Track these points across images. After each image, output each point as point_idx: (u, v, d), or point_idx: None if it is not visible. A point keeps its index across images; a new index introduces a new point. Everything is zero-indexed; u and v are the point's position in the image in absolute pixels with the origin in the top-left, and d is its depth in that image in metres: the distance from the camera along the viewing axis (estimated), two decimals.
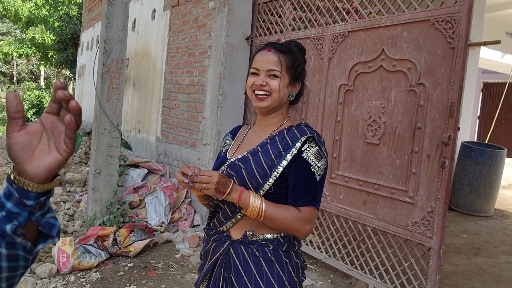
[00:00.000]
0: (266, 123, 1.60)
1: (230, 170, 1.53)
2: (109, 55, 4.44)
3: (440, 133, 2.95)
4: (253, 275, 1.46)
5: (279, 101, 1.54)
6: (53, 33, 15.83)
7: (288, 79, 1.54)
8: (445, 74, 2.95)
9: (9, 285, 0.80)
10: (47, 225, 0.81)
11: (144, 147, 6.74)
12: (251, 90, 1.55)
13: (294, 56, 1.56)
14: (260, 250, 1.48)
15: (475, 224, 6.05)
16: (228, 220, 1.54)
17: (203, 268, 1.61)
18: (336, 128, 3.74)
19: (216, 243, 1.56)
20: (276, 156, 1.48)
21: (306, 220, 1.45)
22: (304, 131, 1.50)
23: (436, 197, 2.94)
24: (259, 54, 1.56)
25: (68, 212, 4.48)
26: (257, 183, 1.47)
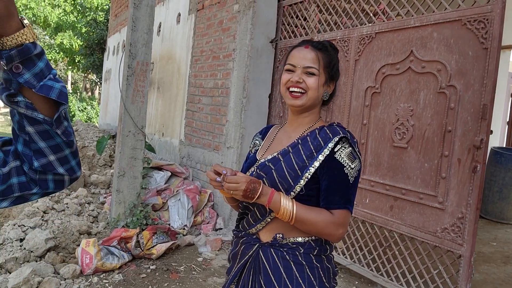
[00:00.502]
0: (298, 122, 1.55)
1: (260, 171, 1.49)
2: (135, 58, 4.48)
3: (472, 136, 2.85)
4: (282, 279, 1.41)
5: (314, 100, 1.49)
6: (80, 39, 16.21)
7: (324, 77, 1.50)
8: (478, 75, 2.85)
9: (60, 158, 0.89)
10: (44, 88, 0.82)
11: (167, 150, 6.77)
12: (285, 88, 1.50)
13: (331, 54, 1.52)
14: (291, 254, 1.43)
15: (505, 232, 5.83)
16: (258, 222, 1.50)
17: (231, 271, 1.57)
18: (362, 131, 3.66)
19: (245, 246, 1.52)
20: (307, 157, 1.43)
21: (339, 224, 1.40)
22: (336, 131, 1.45)
23: (467, 202, 2.83)
24: (296, 50, 1.52)
25: (92, 214, 4.52)
26: (288, 184, 1.42)
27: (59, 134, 0.87)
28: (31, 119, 0.83)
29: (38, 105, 0.83)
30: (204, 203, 4.98)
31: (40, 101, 0.83)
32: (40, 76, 0.82)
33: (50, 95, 0.82)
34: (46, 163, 0.88)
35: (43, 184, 0.91)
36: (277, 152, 1.51)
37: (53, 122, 0.85)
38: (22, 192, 0.90)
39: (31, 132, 0.84)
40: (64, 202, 4.48)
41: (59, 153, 0.89)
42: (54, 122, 0.85)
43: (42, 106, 0.84)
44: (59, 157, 0.89)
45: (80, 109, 18.52)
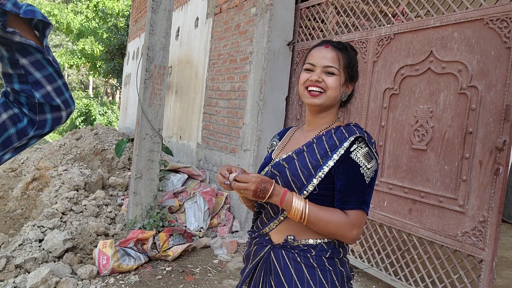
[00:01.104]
0: (316, 123, 1.53)
1: (274, 170, 1.48)
2: (152, 62, 4.51)
3: (494, 138, 2.77)
4: (293, 281, 1.39)
5: (333, 100, 1.47)
6: (101, 44, 16.47)
7: (344, 77, 1.48)
8: (500, 75, 2.77)
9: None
10: (28, 12, 0.90)
11: (185, 153, 6.80)
12: (303, 87, 1.48)
13: (350, 55, 1.51)
14: (302, 256, 1.40)
15: None
16: (271, 221, 1.48)
17: (244, 271, 1.56)
18: (380, 133, 3.60)
19: (257, 247, 1.51)
20: (322, 156, 1.41)
21: (354, 225, 1.36)
22: (353, 131, 1.43)
23: (489, 206, 2.75)
24: (316, 50, 1.50)
25: (110, 216, 4.55)
26: (300, 183, 1.40)
27: (50, 62, 0.95)
28: (24, 51, 0.91)
29: (26, 34, 0.91)
30: (220, 206, 4.98)
31: (26, 30, 0.92)
32: (17, 4, 0.89)
33: (36, 16, 0.90)
34: (45, 94, 0.95)
35: (42, 124, 0.98)
36: (292, 151, 1.50)
37: (44, 48, 0.93)
38: (21, 140, 0.96)
39: (25, 64, 0.92)
40: (83, 204, 4.53)
41: (54, 83, 0.97)
42: (46, 47, 0.94)
43: (30, 35, 0.92)
44: (54, 88, 0.97)
45: (101, 113, 18.81)
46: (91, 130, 9.67)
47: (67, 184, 4.88)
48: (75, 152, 6.96)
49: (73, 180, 4.94)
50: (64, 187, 4.82)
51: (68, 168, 5.54)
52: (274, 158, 1.55)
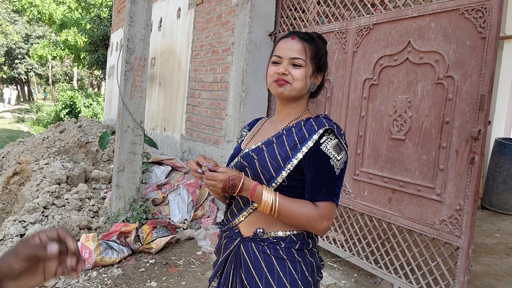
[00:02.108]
0: (285, 113, 1.54)
1: (243, 161, 1.49)
2: (132, 53, 4.47)
3: (470, 127, 2.81)
4: (263, 273, 1.41)
5: (300, 91, 1.48)
6: (85, 35, 16.24)
7: (311, 68, 1.48)
8: (475, 65, 2.80)
9: None
10: None
11: (169, 144, 6.78)
12: (271, 79, 1.49)
13: (318, 45, 1.50)
14: (272, 248, 1.42)
15: (509, 223, 5.78)
16: (241, 212, 1.50)
17: (216, 264, 1.59)
18: (360, 123, 3.63)
19: (227, 240, 1.53)
20: (291, 148, 1.42)
21: (324, 216, 1.38)
22: (322, 123, 1.43)
23: (465, 194, 2.80)
24: (282, 41, 1.50)
25: (92, 209, 4.53)
26: (269, 175, 1.41)
27: None
28: None
29: None
30: (204, 197, 4.99)
31: None
32: None
33: None
34: None
35: None
36: (261, 141, 1.50)
37: None
38: None
39: None
40: (65, 198, 4.50)
41: None
42: None
43: None
44: None
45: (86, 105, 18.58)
46: (75, 122, 9.57)
47: (49, 178, 4.84)
48: (59, 145, 6.89)
49: (55, 173, 4.90)
50: (46, 181, 4.78)
51: (50, 162, 5.49)
52: (243, 149, 1.55)
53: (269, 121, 1.63)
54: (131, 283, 3.36)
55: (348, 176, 3.66)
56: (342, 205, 3.73)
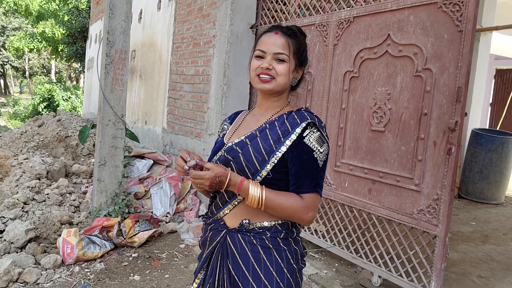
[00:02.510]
0: (267, 106, 1.56)
1: (228, 155, 1.49)
2: (113, 46, 4.42)
3: (447, 119, 2.88)
4: (250, 263, 1.44)
5: (283, 86, 1.50)
6: (62, 27, 15.92)
7: (294, 63, 1.50)
8: (453, 58, 2.86)
9: None
10: None
11: (150, 138, 6.74)
12: (254, 73, 1.50)
13: (300, 40, 1.52)
14: (258, 238, 1.45)
15: (485, 211, 5.95)
16: (226, 205, 1.51)
17: (201, 257, 1.60)
18: (341, 115, 3.68)
19: (213, 232, 1.54)
20: (274, 141, 1.44)
21: (309, 208, 1.42)
22: (304, 117, 1.46)
23: (442, 184, 2.87)
24: (266, 36, 1.51)
25: (74, 204, 4.49)
26: (254, 169, 1.43)
27: None
28: None
29: None
30: (187, 190, 4.99)
31: None
32: None
33: None
34: None
35: None
36: (244, 135, 1.52)
37: None
38: None
39: None
40: (45, 193, 4.45)
41: None
42: None
43: None
44: None
45: (65, 99, 18.27)
46: (54, 116, 9.42)
47: (28, 173, 4.77)
48: (38, 140, 6.78)
49: (35, 168, 4.83)
50: (25, 176, 4.71)
51: (29, 157, 5.40)
52: (226, 142, 1.56)
53: (250, 114, 1.64)
54: (114, 277, 3.36)
55: (329, 168, 3.71)
56: (324, 196, 3.78)
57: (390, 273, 3.23)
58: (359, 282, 3.44)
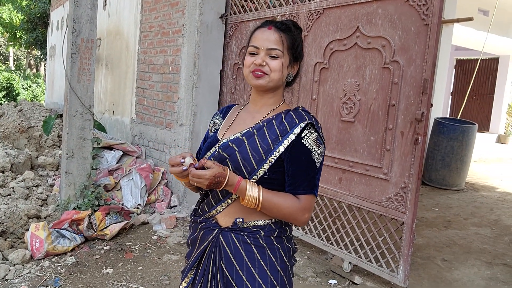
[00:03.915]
0: (262, 103, 1.53)
1: (223, 152, 1.46)
2: (79, 35, 4.30)
3: (414, 110, 2.98)
4: (244, 262, 1.43)
5: (277, 82, 1.47)
6: (21, 12, 15.28)
7: (288, 59, 1.47)
8: (419, 51, 2.96)
9: None
10: None
11: (118, 129, 6.63)
12: (248, 70, 1.46)
13: (294, 35, 1.48)
14: (252, 237, 1.44)
15: (447, 197, 6.21)
16: (219, 204, 1.49)
17: (191, 256, 1.56)
18: (311, 106, 3.74)
19: (205, 231, 1.51)
20: (273, 141, 1.42)
21: (305, 209, 1.41)
22: (302, 117, 1.45)
23: (410, 173, 2.98)
24: (259, 31, 1.47)
25: (41, 197, 4.38)
26: (251, 167, 1.41)
27: None
28: None
29: None
30: (157, 181, 4.95)
31: None
32: None
33: None
34: None
35: None
36: (240, 132, 1.49)
37: None
38: None
39: None
40: (10, 186, 4.32)
41: None
42: None
43: None
44: None
45: (25, 88, 17.62)
46: (14, 106, 9.08)
47: None
48: None
49: None
50: None
51: None
52: (220, 139, 1.52)
53: (245, 110, 1.60)
54: (86, 270, 3.32)
55: None
56: None
57: (360, 259, 3.34)
58: (330, 268, 3.54)
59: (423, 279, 3.45)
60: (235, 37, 4.76)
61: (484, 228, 4.87)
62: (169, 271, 3.38)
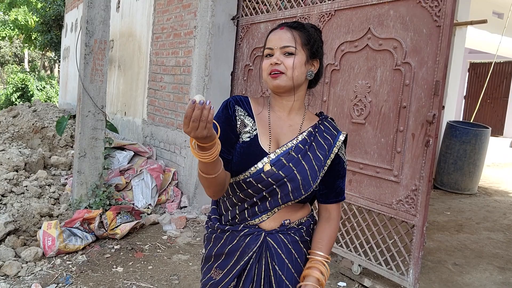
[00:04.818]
0: (288, 107, 1.46)
1: (279, 171, 1.36)
2: (92, 36, 4.35)
3: (425, 112, 2.96)
4: (294, 259, 1.44)
5: (295, 80, 1.39)
6: (36, 15, 15.51)
7: (304, 55, 1.40)
8: (431, 52, 2.94)
9: None
10: None
11: (130, 129, 6.68)
12: (266, 73, 1.41)
13: (308, 32, 1.43)
14: (298, 235, 1.46)
15: (459, 201, 6.14)
16: (264, 213, 1.42)
17: (225, 267, 1.44)
18: (322, 108, 3.73)
19: (250, 238, 1.41)
20: (323, 156, 1.43)
21: (339, 216, 1.53)
22: (336, 127, 1.49)
23: (420, 175, 2.96)
24: (272, 34, 1.45)
25: (53, 196, 4.44)
26: (309, 186, 1.38)
27: None
28: None
29: None
30: (168, 182, 4.98)
31: None
32: None
33: None
34: None
35: None
36: (289, 147, 1.42)
37: None
38: None
39: None
40: (24, 185, 4.38)
41: None
42: None
43: None
44: None
45: (39, 88, 17.86)
46: (29, 107, 9.21)
47: (6, 165, 4.68)
48: (13, 131, 6.64)
49: (12, 160, 4.75)
50: (3, 168, 4.62)
51: (6, 148, 5.30)
52: (267, 151, 1.40)
53: (274, 114, 1.47)
54: (97, 269, 3.35)
55: None
56: None
57: (370, 262, 3.32)
58: (339, 271, 3.52)
59: (434, 283, 3.42)
60: (246, 39, 4.78)
61: (496, 233, 4.81)
62: (178, 271, 3.40)
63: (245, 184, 1.38)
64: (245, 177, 1.37)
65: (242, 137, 1.41)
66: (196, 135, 1.10)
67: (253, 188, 1.38)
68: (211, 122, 1.09)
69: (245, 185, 1.39)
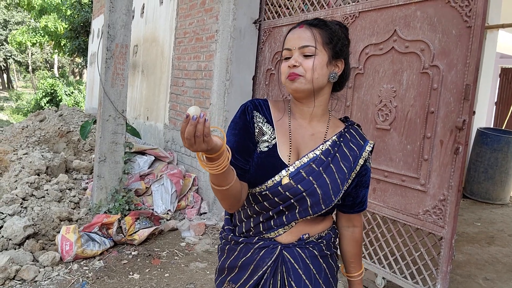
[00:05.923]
0: (310, 113, 1.35)
1: (297, 185, 1.27)
2: (113, 40, 4.35)
3: (454, 117, 2.80)
4: (312, 275, 1.34)
5: (316, 82, 1.26)
6: (65, 21, 15.87)
7: (326, 55, 1.28)
8: (461, 54, 2.79)
9: None
10: None
11: (152, 134, 6.68)
12: (284, 77, 1.29)
13: (331, 29, 1.30)
14: (317, 249, 1.35)
15: (490, 212, 5.87)
16: (281, 227, 1.33)
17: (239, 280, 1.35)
18: (345, 113, 3.60)
19: (265, 251, 1.32)
20: (348, 169, 1.33)
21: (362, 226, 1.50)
22: (362, 135, 1.40)
23: (449, 184, 2.80)
24: (290, 33, 1.32)
25: (73, 200, 4.44)
26: (330, 201, 1.29)
27: None
28: None
29: None
30: (188, 188, 4.93)
31: None
32: None
33: None
34: None
35: None
36: (310, 158, 1.31)
37: None
38: None
39: None
40: (44, 189, 4.39)
41: None
42: None
43: None
44: None
45: (67, 94, 18.23)
46: (55, 111, 9.38)
47: (28, 169, 4.72)
48: (39, 135, 6.73)
49: (34, 164, 4.78)
50: (25, 172, 4.66)
51: (29, 152, 5.35)
52: (287, 163, 1.30)
53: (295, 121, 1.37)
54: (113, 275, 3.30)
55: None
56: None
57: (395, 275, 3.16)
58: (362, 283, 3.37)
59: None
60: (268, 43, 4.70)
61: None
62: (195, 279, 3.32)
63: (261, 197, 1.30)
64: (261, 190, 1.29)
65: (260, 147, 1.32)
66: (196, 150, 1.05)
67: (269, 202, 1.30)
68: (208, 136, 1.02)
69: (260, 198, 1.31)
